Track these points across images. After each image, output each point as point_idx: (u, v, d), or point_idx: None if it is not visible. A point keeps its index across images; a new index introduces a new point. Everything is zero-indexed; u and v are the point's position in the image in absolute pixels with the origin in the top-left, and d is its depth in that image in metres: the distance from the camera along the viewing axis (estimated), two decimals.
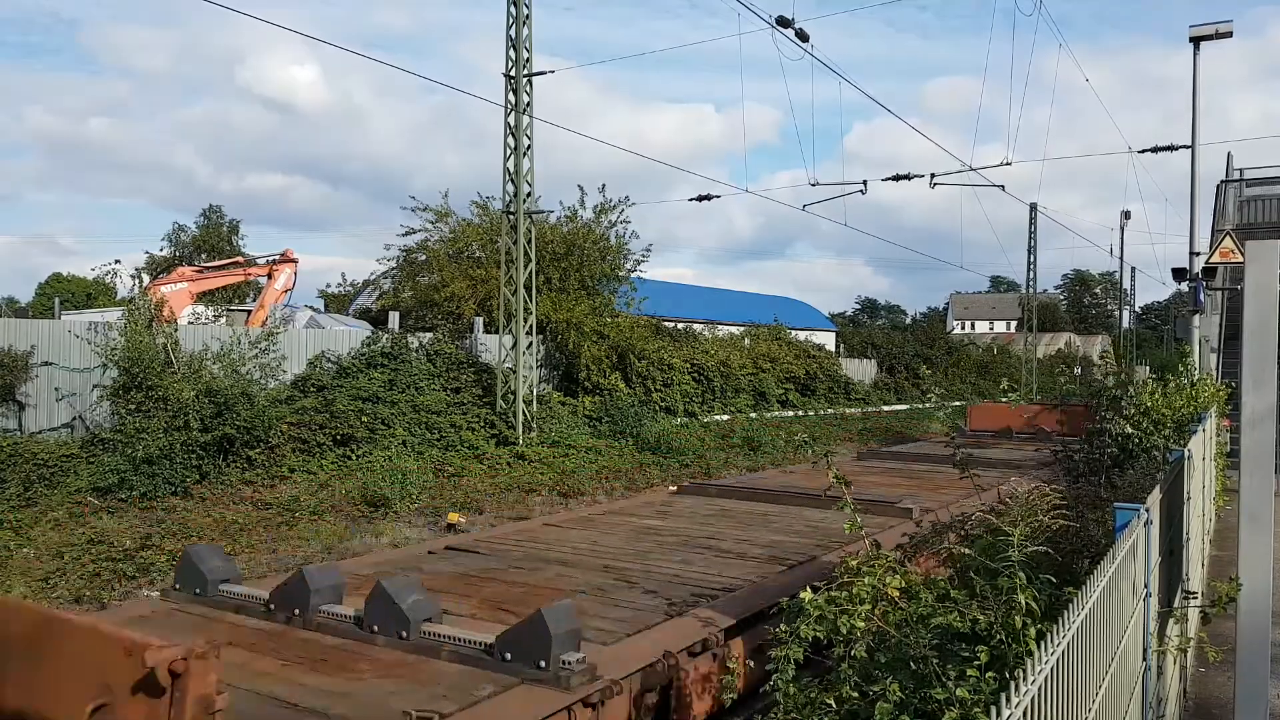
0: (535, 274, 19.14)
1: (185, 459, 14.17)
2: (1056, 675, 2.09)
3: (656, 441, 19.96)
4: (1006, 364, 44.69)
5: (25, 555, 10.40)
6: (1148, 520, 3.59)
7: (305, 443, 15.68)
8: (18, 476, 14.14)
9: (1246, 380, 4.16)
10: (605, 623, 4.53)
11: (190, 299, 21.73)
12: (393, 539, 11.42)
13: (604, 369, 22.69)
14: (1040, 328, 50.54)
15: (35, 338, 17.86)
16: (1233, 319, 20.83)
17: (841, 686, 2.83)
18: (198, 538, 10.65)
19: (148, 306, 17.05)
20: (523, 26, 18.02)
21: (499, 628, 3.96)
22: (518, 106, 18.12)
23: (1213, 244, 18.49)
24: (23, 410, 17.45)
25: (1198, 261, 18.99)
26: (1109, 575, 2.74)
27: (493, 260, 22.07)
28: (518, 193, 18.33)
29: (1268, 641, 4.14)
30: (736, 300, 44.69)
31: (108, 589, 9.15)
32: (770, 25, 17.03)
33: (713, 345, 28.72)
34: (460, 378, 19.35)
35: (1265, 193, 25.97)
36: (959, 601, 2.82)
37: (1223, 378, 17.38)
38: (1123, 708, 3.14)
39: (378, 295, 29.71)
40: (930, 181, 25.61)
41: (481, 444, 17.76)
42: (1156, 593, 3.93)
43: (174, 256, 35.78)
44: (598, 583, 5.43)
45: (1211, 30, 18.33)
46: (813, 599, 3.09)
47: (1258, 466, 4.17)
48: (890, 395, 36.82)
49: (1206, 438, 8.09)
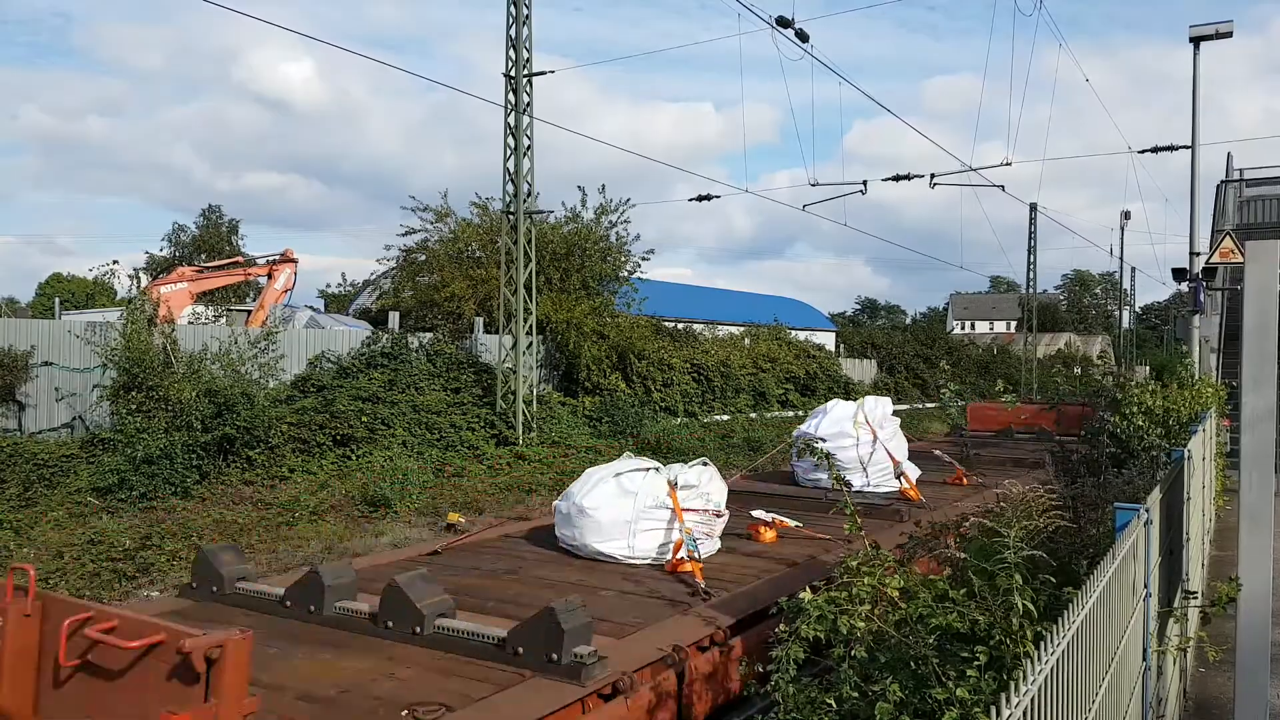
0: (535, 274, 19.14)
1: (185, 459, 14.17)
2: (1056, 675, 2.09)
3: (656, 442, 19.96)
4: (1006, 364, 44.68)
5: (25, 555, 10.40)
6: (1148, 520, 3.59)
7: (305, 443, 15.68)
8: (18, 476, 14.15)
9: (1246, 380, 4.16)
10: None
11: (190, 299, 21.74)
12: (393, 539, 11.41)
13: (604, 369, 22.69)
14: (1040, 328, 50.52)
15: (35, 338, 17.87)
16: (1233, 319, 20.83)
17: (842, 686, 2.83)
18: (198, 538, 10.65)
19: (147, 306, 17.06)
20: (523, 26, 18.02)
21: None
22: (518, 106, 18.12)
23: (1213, 244, 18.48)
24: (23, 410, 17.46)
25: (1198, 262, 18.99)
26: (1109, 575, 2.74)
27: (493, 260, 22.07)
28: (518, 193, 18.33)
29: (1268, 641, 4.14)
30: (736, 300, 44.67)
31: (108, 589, 9.15)
32: (770, 25, 17.05)
33: (713, 345, 28.71)
34: (460, 378, 19.34)
35: (1265, 193, 25.97)
36: (958, 602, 2.82)
37: (1223, 378, 17.39)
38: (1123, 707, 3.14)
39: (378, 295, 29.72)
40: (930, 181, 25.61)
41: (481, 444, 17.76)
42: (1156, 593, 3.93)
43: (174, 256, 35.81)
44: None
45: (1212, 30, 18.33)
46: (812, 599, 3.09)
47: (1258, 466, 4.17)
48: (890, 395, 36.81)
49: (1206, 438, 8.09)
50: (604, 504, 6.12)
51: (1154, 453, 7.48)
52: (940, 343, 44.38)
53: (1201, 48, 18.75)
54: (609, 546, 6.06)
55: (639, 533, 6.06)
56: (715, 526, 6.35)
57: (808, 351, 33.19)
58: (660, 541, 6.05)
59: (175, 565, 9.85)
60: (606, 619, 4.53)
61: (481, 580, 5.52)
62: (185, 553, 10.17)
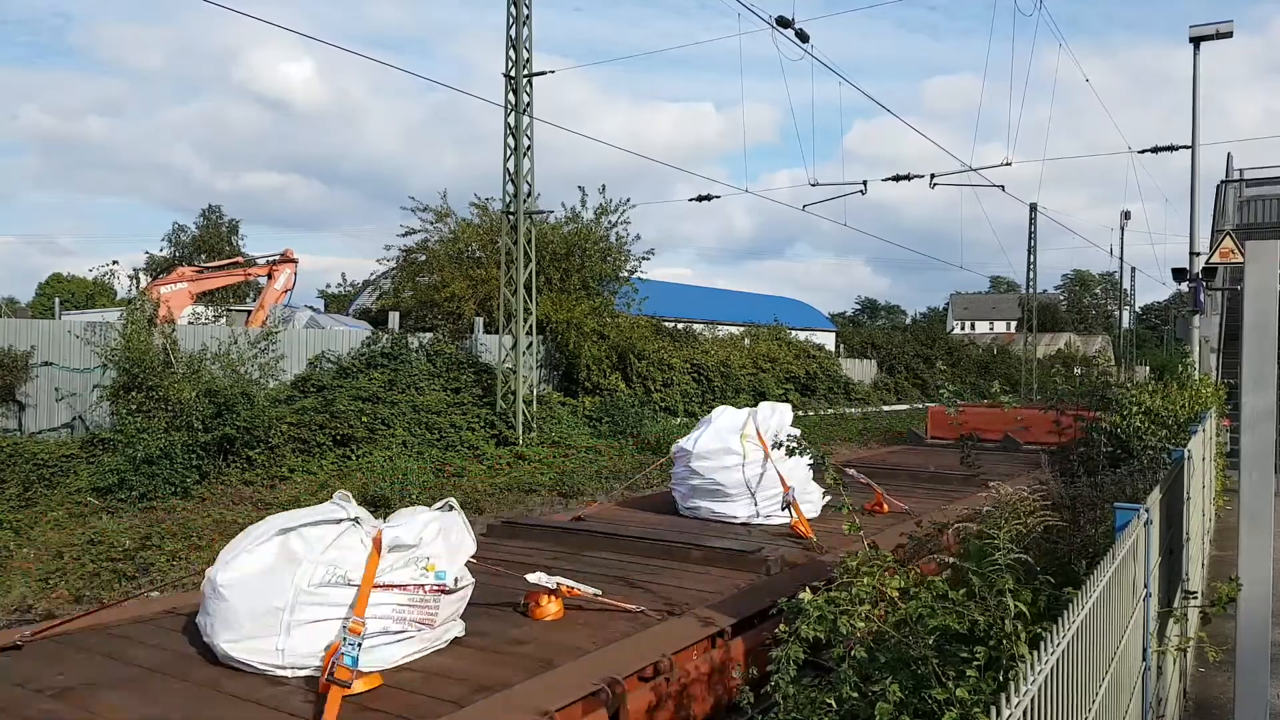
0: (535, 274, 19.14)
1: (185, 459, 14.17)
2: (1056, 675, 2.09)
3: (657, 442, 19.96)
4: (1006, 364, 44.68)
5: (25, 555, 10.40)
6: (1148, 520, 3.59)
7: (305, 443, 15.68)
8: (18, 476, 14.15)
9: (1246, 380, 4.16)
10: None
11: (190, 299, 21.74)
12: None
13: (604, 369, 22.70)
14: (1040, 328, 50.51)
15: (35, 338, 17.87)
16: (1233, 319, 20.83)
17: (841, 687, 2.83)
18: (198, 538, 10.65)
19: (147, 306, 17.06)
20: (523, 27, 18.03)
21: None
22: (518, 107, 18.12)
23: (1213, 244, 18.48)
24: (23, 410, 17.46)
25: (1198, 261, 18.98)
26: (1109, 575, 2.74)
27: (493, 260, 22.08)
28: (518, 193, 18.34)
29: (1268, 641, 4.14)
30: (736, 300, 44.68)
31: (108, 589, 9.15)
32: (770, 25, 17.04)
33: (713, 345, 28.72)
34: (460, 378, 19.35)
35: (1265, 193, 25.97)
36: (957, 602, 2.82)
37: (1223, 378, 17.38)
38: (1122, 707, 3.14)
39: (378, 295, 29.74)
40: (930, 181, 25.62)
41: (481, 444, 17.76)
42: (1156, 593, 3.93)
43: (174, 256, 35.84)
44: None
45: (1212, 30, 18.32)
46: (812, 599, 3.09)
47: (1258, 466, 4.17)
48: (890, 395, 36.82)
49: (1206, 438, 8.08)
50: (248, 580, 4.15)
51: (1152, 453, 7.47)
52: (940, 343, 44.40)
53: (1201, 48, 18.74)
54: (243, 650, 4.08)
55: (295, 626, 4.06)
56: (439, 608, 4.34)
57: (808, 351, 33.20)
58: (328, 641, 4.06)
59: (175, 565, 9.85)
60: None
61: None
62: (185, 553, 10.18)
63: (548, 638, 4.56)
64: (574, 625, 4.77)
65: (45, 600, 8.80)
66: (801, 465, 7.50)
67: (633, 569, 5.92)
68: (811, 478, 7.80)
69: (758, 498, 7.45)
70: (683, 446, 7.86)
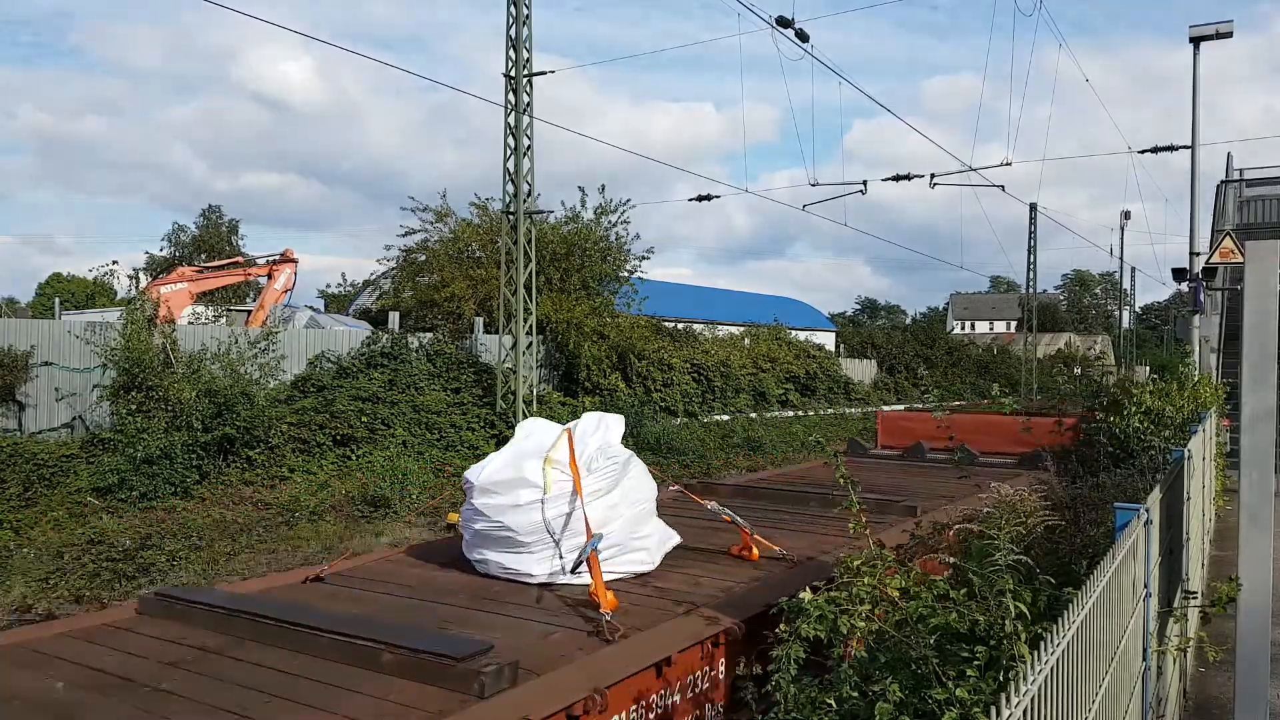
0: (535, 274, 19.15)
1: (185, 459, 14.18)
2: (1056, 675, 2.09)
3: (657, 441, 19.96)
4: (1006, 364, 44.69)
5: (25, 555, 10.40)
6: (1148, 520, 3.59)
7: (305, 443, 15.69)
8: (18, 476, 14.15)
9: (1246, 380, 4.16)
10: None
11: (190, 299, 21.75)
12: (392, 539, 11.41)
13: (604, 369, 22.70)
14: (1040, 328, 50.51)
15: (35, 338, 17.87)
16: (1233, 319, 20.84)
17: (842, 686, 2.83)
18: (198, 538, 10.66)
19: (147, 306, 17.07)
20: (523, 26, 18.03)
21: None
22: (518, 107, 18.13)
23: (1213, 244, 18.49)
24: (23, 410, 17.45)
25: (1198, 261, 18.99)
26: (1109, 575, 2.75)
27: (493, 260, 22.09)
28: (517, 193, 18.34)
29: (1268, 641, 4.14)
30: (736, 300, 44.70)
31: (108, 589, 9.15)
32: (770, 25, 17.05)
33: (713, 345, 28.72)
34: (460, 378, 19.36)
35: (1265, 193, 25.97)
36: (958, 602, 2.82)
37: (1223, 378, 17.40)
38: (1123, 707, 3.14)
39: (378, 295, 29.76)
40: (930, 181, 25.62)
41: (482, 444, 17.77)
42: (1156, 593, 3.93)
43: (173, 256, 35.85)
44: None
45: (1212, 30, 18.33)
46: (813, 599, 3.09)
47: (1258, 466, 4.17)
48: (890, 395, 36.80)
49: (1206, 438, 8.09)
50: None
51: (1152, 453, 7.47)
52: (940, 343, 44.38)
53: (1201, 47, 18.75)
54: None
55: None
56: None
57: (808, 351, 33.20)
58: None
59: (175, 565, 9.86)
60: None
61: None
62: (185, 553, 10.18)
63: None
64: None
65: (45, 600, 8.81)
66: (640, 499, 5.47)
67: (279, 683, 3.54)
68: (654, 513, 5.60)
69: (563, 547, 5.08)
70: (467, 477, 5.57)
